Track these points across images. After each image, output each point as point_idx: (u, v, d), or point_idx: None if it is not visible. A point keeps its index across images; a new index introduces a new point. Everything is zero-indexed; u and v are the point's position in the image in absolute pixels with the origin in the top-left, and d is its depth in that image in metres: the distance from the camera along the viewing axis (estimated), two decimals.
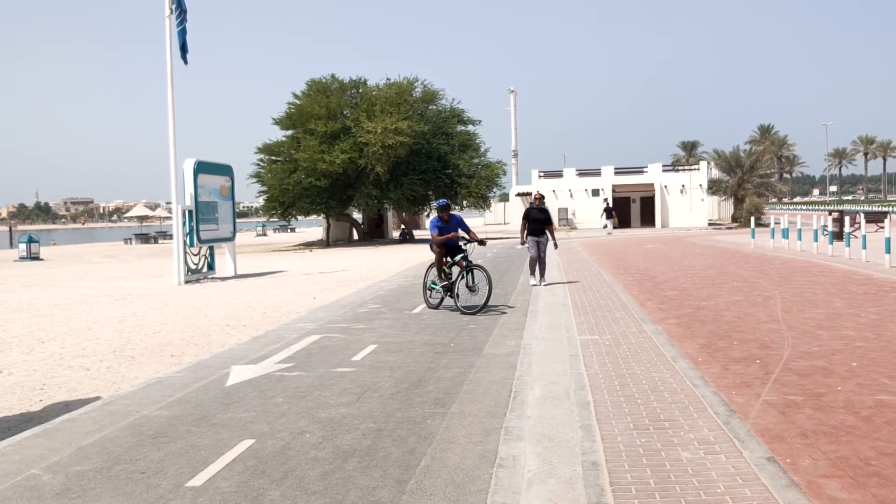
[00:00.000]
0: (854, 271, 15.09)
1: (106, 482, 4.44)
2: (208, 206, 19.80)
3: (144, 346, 9.59)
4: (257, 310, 12.93)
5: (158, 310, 13.28)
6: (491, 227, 61.63)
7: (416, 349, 8.52)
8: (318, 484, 4.30)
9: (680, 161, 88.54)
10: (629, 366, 6.97)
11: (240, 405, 6.20)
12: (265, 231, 67.98)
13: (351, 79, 42.27)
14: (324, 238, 43.92)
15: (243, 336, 10.05)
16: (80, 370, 8.17)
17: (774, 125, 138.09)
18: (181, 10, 18.80)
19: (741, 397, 5.68)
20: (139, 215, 67.56)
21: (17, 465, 4.80)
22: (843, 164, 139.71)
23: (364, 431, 5.32)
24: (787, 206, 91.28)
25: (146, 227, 68.63)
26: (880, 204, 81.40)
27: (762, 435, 4.75)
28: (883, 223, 23.01)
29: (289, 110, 41.07)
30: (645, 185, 51.89)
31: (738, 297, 11.69)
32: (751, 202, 47.56)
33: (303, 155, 37.64)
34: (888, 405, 5.32)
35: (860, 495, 3.74)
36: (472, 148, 42.25)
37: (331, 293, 15.27)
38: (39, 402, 6.79)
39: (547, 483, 4.12)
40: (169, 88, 18.86)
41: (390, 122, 36.79)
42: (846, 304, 10.37)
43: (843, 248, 19.10)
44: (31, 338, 10.45)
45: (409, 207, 43.19)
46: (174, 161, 18.78)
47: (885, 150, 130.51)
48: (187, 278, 18.61)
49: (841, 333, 8.17)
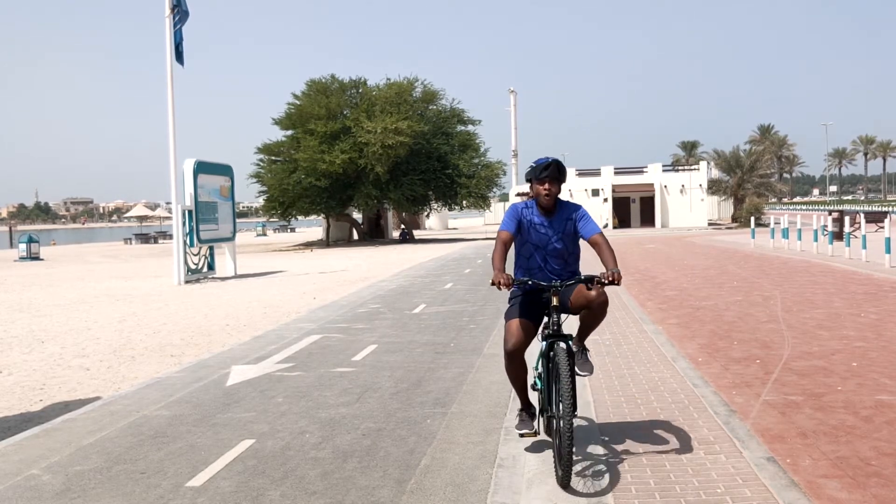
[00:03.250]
0: (854, 271, 15.08)
1: (106, 482, 4.44)
2: (208, 206, 19.80)
3: (144, 346, 9.58)
4: (257, 310, 12.93)
5: (158, 310, 13.28)
6: (491, 227, 61.63)
7: (416, 349, 8.52)
8: (318, 484, 4.30)
9: (680, 161, 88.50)
10: (629, 366, 6.97)
11: (240, 405, 6.20)
12: (265, 231, 67.97)
13: (351, 79, 42.32)
14: (324, 238, 43.93)
15: (243, 336, 10.04)
16: (80, 370, 8.17)
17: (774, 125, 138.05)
18: (181, 11, 18.80)
19: (741, 397, 5.68)
20: (139, 215, 67.54)
21: (17, 465, 4.80)
22: (842, 164, 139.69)
23: (364, 431, 5.32)
24: (787, 206, 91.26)
25: (146, 227, 68.60)
26: (880, 204, 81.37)
27: (762, 435, 4.75)
28: (883, 223, 22.99)
29: (289, 110, 41.11)
30: (645, 185, 51.88)
31: (738, 297, 11.68)
32: (751, 202, 47.55)
33: (303, 155, 37.66)
34: (888, 405, 5.32)
35: (860, 495, 3.74)
36: (472, 148, 42.28)
37: (331, 293, 15.26)
38: (39, 402, 6.79)
39: (547, 483, 4.11)
40: (169, 88, 18.86)
41: (390, 122, 36.81)
42: (846, 304, 10.37)
43: (843, 248, 19.09)
44: (31, 338, 10.44)
45: (409, 207, 43.21)
46: (174, 161, 18.79)
47: (885, 150, 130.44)
48: (187, 278, 18.61)
49: (841, 333, 8.17)
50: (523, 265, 4.55)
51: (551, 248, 4.47)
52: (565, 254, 4.52)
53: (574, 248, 4.54)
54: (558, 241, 4.46)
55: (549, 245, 4.47)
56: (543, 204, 4.42)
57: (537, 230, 4.47)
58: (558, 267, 4.51)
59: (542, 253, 4.48)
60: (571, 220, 4.47)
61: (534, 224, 4.47)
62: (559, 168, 4.39)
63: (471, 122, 43.59)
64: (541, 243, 4.48)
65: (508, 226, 4.44)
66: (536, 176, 4.40)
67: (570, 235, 4.49)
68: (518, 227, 4.46)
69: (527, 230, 4.48)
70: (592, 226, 4.46)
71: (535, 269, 4.51)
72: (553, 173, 4.37)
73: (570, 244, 4.51)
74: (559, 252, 4.48)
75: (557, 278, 4.44)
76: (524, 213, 4.49)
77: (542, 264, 4.50)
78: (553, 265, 4.51)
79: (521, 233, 4.48)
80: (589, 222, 4.48)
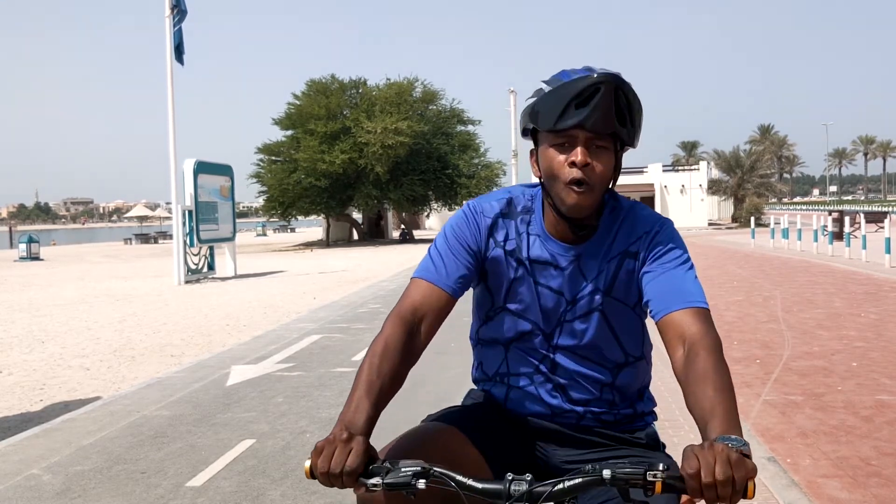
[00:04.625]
0: (854, 271, 15.08)
1: (106, 482, 4.44)
2: (208, 207, 19.81)
3: (144, 346, 9.58)
4: (257, 310, 12.93)
5: (158, 310, 13.28)
6: None
7: None
8: (319, 484, 4.29)
9: (680, 161, 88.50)
10: None
11: (240, 405, 6.20)
12: (265, 231, 67.96)
13: (351, 79, 42.31)
14: (324, 238, 43.93)
15: (243, 336, 10.05)
16: (80, 370, 8.17)
17: (774, 125, 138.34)
18: (180, 11, 18.81)
19: (741, 397, 5.68)
20: (139, 215, 67.58)
21: (17, 465, 4.80)
22: (842, 164, 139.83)
23: None
24: (786, 206, 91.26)
25: (146, 227, 68.60)
26: (880, 204, 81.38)
27: (762, 435, 4.75)
28: (883, 223, 23.00)
29: (289, 110, 41.11)
30: (645, 185, 51.89)
31: (739, 296, 11.68)
32: (751, 202, 47.59)
33: (303, 155, 37.67)
34: (888, 405, 5.32)
35: (860, 495, 3.74)
36: (472, 148, 42.31)
37: (331, 293, 15.26)
38: (39, 402, 6.79)
39: None
40: (169, 88, 18.86)
41: (390, 122, 36.81)
42: (846, 304, 10.37)
43: (843, 248, 19.10)
44: (31, 338, 10.44)
45: (409, 207, 43.23)
46: (174, 161, 18.79)
47: (885, 150, 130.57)
48: (187, 278, 18.61)
49: (841, 333, 8.17)
50: (489, 360, 1.90)
51: (570, 327, 1.72)
52: (608, 345, 1.73)
53: (634, 328, 1.75)
54: (590, 307, 1.70)
55: (564, 320, 1.72)
56: (570, 204, 1.58)
57: (536, 277, 1.71)
58: (584, 391, 1.75)
59: (543, 341, 1.74)
60: (631, 254, 1.67)
61: (528, 261, 1.71)
62: (618, 96, 1.52)
63: (471, 122, 43.65)
64: (543, 314, 1.73)
65: (443, 268, 1.69)
66: (551, 124, 1.54)
67: (626, 291, 1.69)
68: (476, 271, 1.73)
69: (503, 275, 1.74)
70: (681, 281, 1.59)
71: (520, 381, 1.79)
72: (601, 116, 1.51)
73: (625, 318, 1.73)
74: (592, 342, 1.72)
75: (569, 431, 1.77)
76: (500, 227, 1.72)
77: (539, 371, 1.77)
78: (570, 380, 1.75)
79: (487, 282, 1.77)
80: (675, 269, 1.61)
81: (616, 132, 1.55)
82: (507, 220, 1.73)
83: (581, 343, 1.73)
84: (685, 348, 1.49)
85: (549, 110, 1.54)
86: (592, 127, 1.52)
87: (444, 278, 1.68)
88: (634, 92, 1.57)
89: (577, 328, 1.72)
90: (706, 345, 1.47)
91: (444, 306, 1.68)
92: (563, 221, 1.65)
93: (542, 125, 1.58)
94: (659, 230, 1.67)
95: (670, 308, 1.55)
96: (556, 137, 1.57)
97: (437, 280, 1.68)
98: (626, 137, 1.58)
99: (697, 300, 1.56)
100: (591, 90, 1.50)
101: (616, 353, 1.75)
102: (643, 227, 1.68)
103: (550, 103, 1.54)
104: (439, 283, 1.67)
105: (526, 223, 1.73)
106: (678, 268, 1.62)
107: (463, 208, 1.78)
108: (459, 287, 1.70)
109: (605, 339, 1.73)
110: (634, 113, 1.57)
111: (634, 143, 1.62)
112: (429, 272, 1.69)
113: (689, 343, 1.48)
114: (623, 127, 1.55)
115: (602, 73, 1.51)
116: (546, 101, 1.56)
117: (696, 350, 1.46)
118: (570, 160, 1.55)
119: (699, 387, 1.39)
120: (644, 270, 1.65)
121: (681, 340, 1.50)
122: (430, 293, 1.67)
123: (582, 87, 1.50)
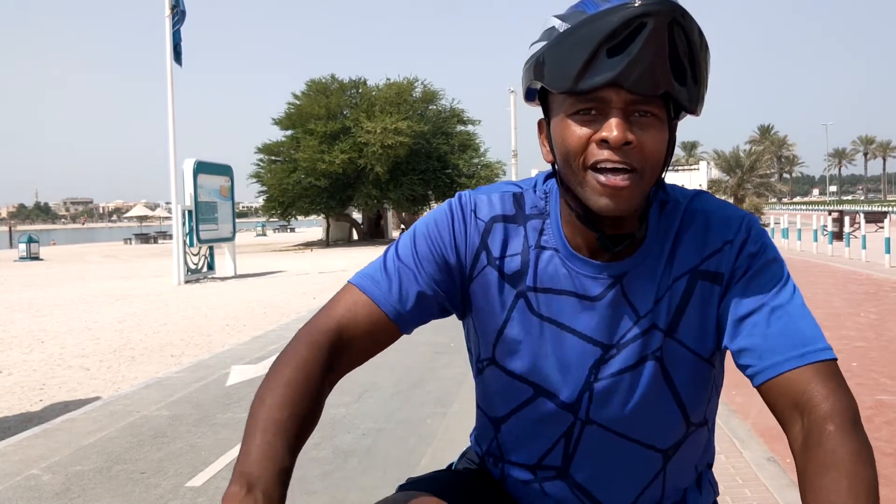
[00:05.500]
0: (854, 271, 15.09)
1: (106, 482, 4.44)
2: (208, 207, 19.81)
3: (144, 346, 9.59)
4: (257, 310, 12.93)
5: (158, 310, 13.28)
6: None
7: (415, 349, 8.51)
8: (318, 484, 4.30)
9: (679, 161, 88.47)
10: None
11: (240, 405, 6.19)
12: (265, 231, 67.97)
13: (350, 79, 42.32)
14: (323, 238, 43.94)
15: (243, 336, 10.05)
16: (80, 370, 8.17)
17: (774, 125, 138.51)
18: (180, 11, 18.81)
19: (741, 397, 5.68)
20: (139, 215, 67.63)
21: (17, 465, 4.80)
22: (842, 164, 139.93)
23: (364, 431, 5.32)
24: (786, 206, 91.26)
25: (146, 227, 68.65)
26: (880, 204, 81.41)
27: (762, 435, 4.75)
28: (883, 223, 23.00)
29: (288, 110, 41.13)
30: None
31: None
32: (751, 202, 47.61)
33: (302, 155, 37.68)
34: (888, 405, 5.32)
35: None
36: (472, 148, 42.35)
37: (331, 293, 15.06)
38: (39, 402, 6.79)
39: None
40: (169, 88, 18.86)
41: (390, 122, 36.82)
42: (846, 304, 10.37)
43: (843, 248, 19.10)
44: (31, 338, 10.44)
45: (408, 207, 43.21)
46: (174, 161, 18.79)
47: (884, 150, 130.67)
48: (187, 278, 18.62)
49: (841, 333, 8.17)
50: (482, 428, 1.38)
51: (604, 390, 1.12)
52: (666, 413, 1.14)
53: (702, 384, 1.16)
54: (642, 354, 1.10)
55: (596, 379, 1.12)
56: (601, 205, 1.01)
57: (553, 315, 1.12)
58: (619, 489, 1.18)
59: (558, 415, 1.15)
60: (709, 274, 1.09)
61: (538, 290, 1.13)
62: (675, 35, 0.95)
63: (471, 122, 43.67)
64: (562, 373, 1.13)
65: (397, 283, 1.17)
66: (570, 83, 0.98)
67: (699, 332, 1.11)
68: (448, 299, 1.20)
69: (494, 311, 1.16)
70: (793, 320, 1.05)
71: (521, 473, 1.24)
72: (648, 69, 0.95)
73: (691, 371, 1.13)
74: (641, 409, 1.12)
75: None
76: (499, 236, 1.15)
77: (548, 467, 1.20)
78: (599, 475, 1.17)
79: (472, 317, 1.21)
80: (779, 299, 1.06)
81: (671, 92, 0.99)
82: (510, 225, 1.16)
83: (623, 413, 1.12)
84: (804, 422, 1.03)
85: (566, 61, 0.98)
86: (634, 85, 0.96)
87: (392, 298, 1.16)
88: (700, 28, 0.99)
89: (619, 388, 1.11)
90: (838, 418, 1.01)
91: (381, 338, 1.19)
92: (588, 229, 1.07)
93: (554, 85, 1.01)
94: (747, 236, 1.10)
95: (782, 366, 1.04)
96: (577, 102, 1.00)
97: (380, 297, 1.16)
98: (685, 101, 1.01)
99: (820, 349, 1.04)
100: (633, 27, 0.94)
101: (676, 424, 1.15)
102: (724, 232, 1.10)
103: (567, 50, 0.98)
104: (382, 304, 1.16)
105: (537, 231, 1.14)
106: (785, 297, 1.07)
107: (449, 201, 1.22)
108: (411, 317, 1.17)
109: (663, 404, 1.13)
110: (700, 62, 1.00)
111: (698, 110, 1.04)
112: (374, 283, 1.17)
113: (813, 416, 1.02)
114: (682, 86, 0.99)
115: (648, 1, 0.94)
116: (560, 48, 0.99)
117: (821, 426, 1.01)
118: (601, 136, 0.99)
119: (826, 479, 0.96)
120: (730, 301, 1.08)
121: (798, 411, 1.04)
122: (367, 313, 1.16)
123: (617, 24, 0.94)
